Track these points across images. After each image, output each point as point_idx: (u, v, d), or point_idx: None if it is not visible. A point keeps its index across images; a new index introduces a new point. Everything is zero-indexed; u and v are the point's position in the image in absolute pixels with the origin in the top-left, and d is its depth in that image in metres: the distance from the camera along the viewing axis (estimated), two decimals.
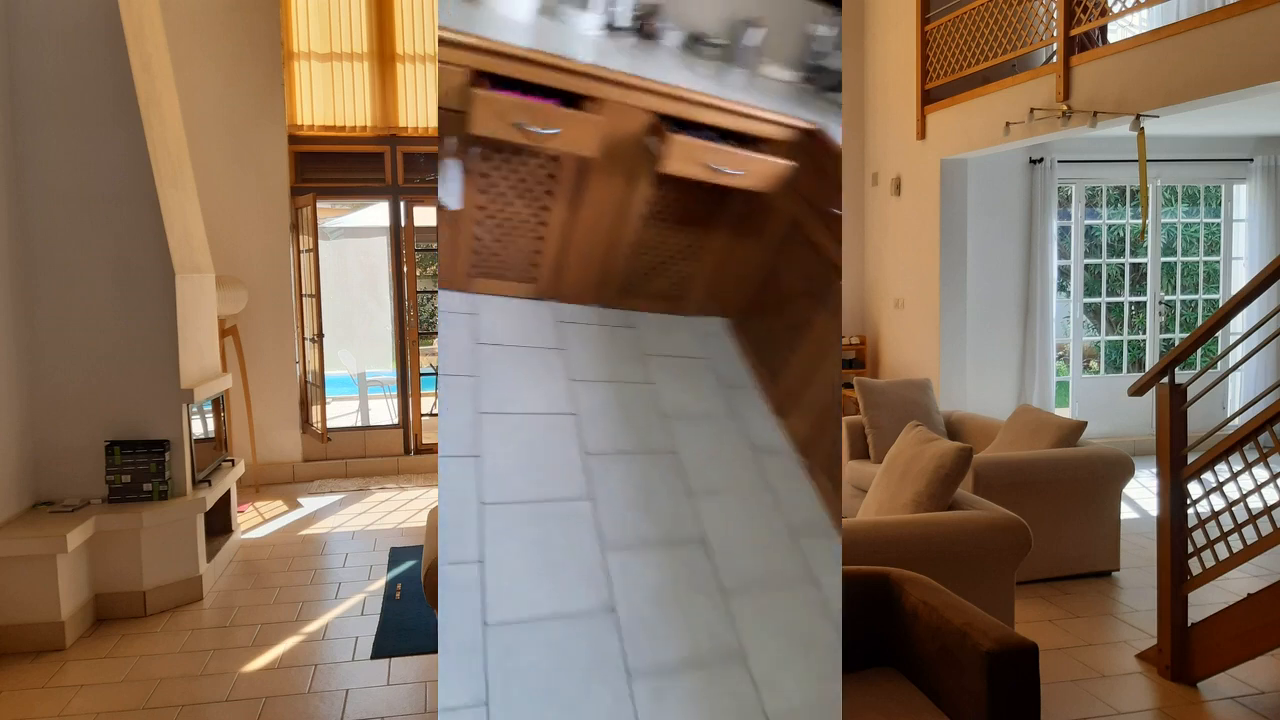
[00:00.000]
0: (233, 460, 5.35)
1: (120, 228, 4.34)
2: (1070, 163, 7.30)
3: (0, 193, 4.11)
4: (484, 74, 2.97)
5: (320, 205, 7.02)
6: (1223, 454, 3.28)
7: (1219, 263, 7.87)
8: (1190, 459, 3.44)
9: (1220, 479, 3.39)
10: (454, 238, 3.50)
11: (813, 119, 3.50)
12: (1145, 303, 7.74)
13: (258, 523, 5.84)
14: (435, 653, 3.74)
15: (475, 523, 2.59)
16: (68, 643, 3.88)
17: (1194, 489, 6.10)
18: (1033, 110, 5.46)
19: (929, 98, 6.72)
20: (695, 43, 3.53)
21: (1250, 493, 3.27)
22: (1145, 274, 7.73)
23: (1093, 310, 7.81)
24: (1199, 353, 7.37)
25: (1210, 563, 3.41)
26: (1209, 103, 4.51)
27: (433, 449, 7.41)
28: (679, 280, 4.02)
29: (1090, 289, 7.70)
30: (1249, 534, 4.46)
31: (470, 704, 2.17)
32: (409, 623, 4.08)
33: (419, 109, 7.11)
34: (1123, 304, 7.76)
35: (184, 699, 3.39)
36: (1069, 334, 7.58)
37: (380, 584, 4.64)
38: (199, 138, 6.52)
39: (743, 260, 3.95)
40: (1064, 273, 7.51)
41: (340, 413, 9.52)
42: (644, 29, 3.37)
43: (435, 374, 7.45)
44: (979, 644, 2.22)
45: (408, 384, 7.40)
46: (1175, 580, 3.40)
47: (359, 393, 9.53)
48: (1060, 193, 7.36)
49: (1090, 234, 7.69)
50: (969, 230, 6.77)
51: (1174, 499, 3.39)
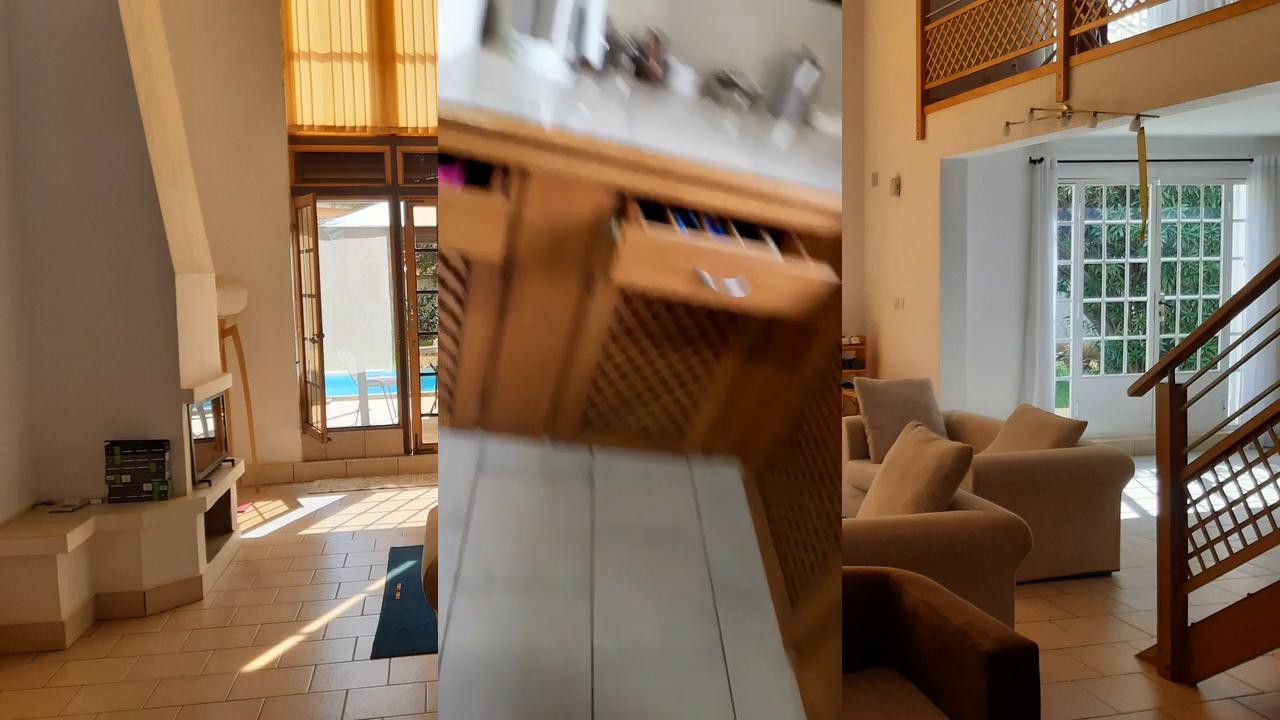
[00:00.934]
0: (233, 460, 5.35)
1: (120, 228, 4.34)
2: (1070, 163, 7.30)
3: (0, 193, 4.11)
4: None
5: (320, 205, 7.02)
6: (1223, 454, 3.28)
7: (1219, 263, 7.87)
8: (1190, 459, 3.44)
9: (1220, 479, 3.39)
10: None
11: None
12: (1145, 303, 7.74)
13: (258, 523, 5.84)
14: (435, 653, 3.74)
15: None
16: (68, 643, 3.88)
17: (1194, 489, 6.10)
18: (1033, 110, 5.46)
19: (929, 98, 6.72)
20: (720, 86, 2.59)
21: (1250, 493, 3.27)
22: (1145, 274, 7.73)
23: (1093, 310, 7.81)
24: (1199, 353, 7.37)
25: (1210, 563, 3.40)
26: (1209, 103, 4.51)
27: (433, 449, 7.41)
28: (668, 412, 3.04)
29: (1090, 289, 7.70)
30: (1249, 534, 4.46)
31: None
32: (409, 623, 4.08)
33: (419, 109, 7.11)
34: (1123, 304, 7.76)
35: (184, 699, 3.39)
36: (1069, 334, 7.58)
37: (380, 584, 4.64)
38: (199, 138, 6.52)
39: (764, 393, 2.93)
40: (1064, 273, 7.51)
41: (340, 413, 9.52)
42: (643, 69, 2.51)
43: (435, 374, 7.44)
44: (979, 644, 2.22)
45: (408, 384, 7.39)
46: (1175, 580, 3.40)
47: (359, 393, 9.53)
48: (1060, 193, 7.36)
49: (1090, 234, 7.69)
50: (969, 230, 6.77)
51: (1174, 499, 3.39)
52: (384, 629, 4.03)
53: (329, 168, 7.13)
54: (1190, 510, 3.42)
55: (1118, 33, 5.75)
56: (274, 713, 3.28)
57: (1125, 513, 5.47)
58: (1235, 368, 3.50)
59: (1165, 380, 3.42)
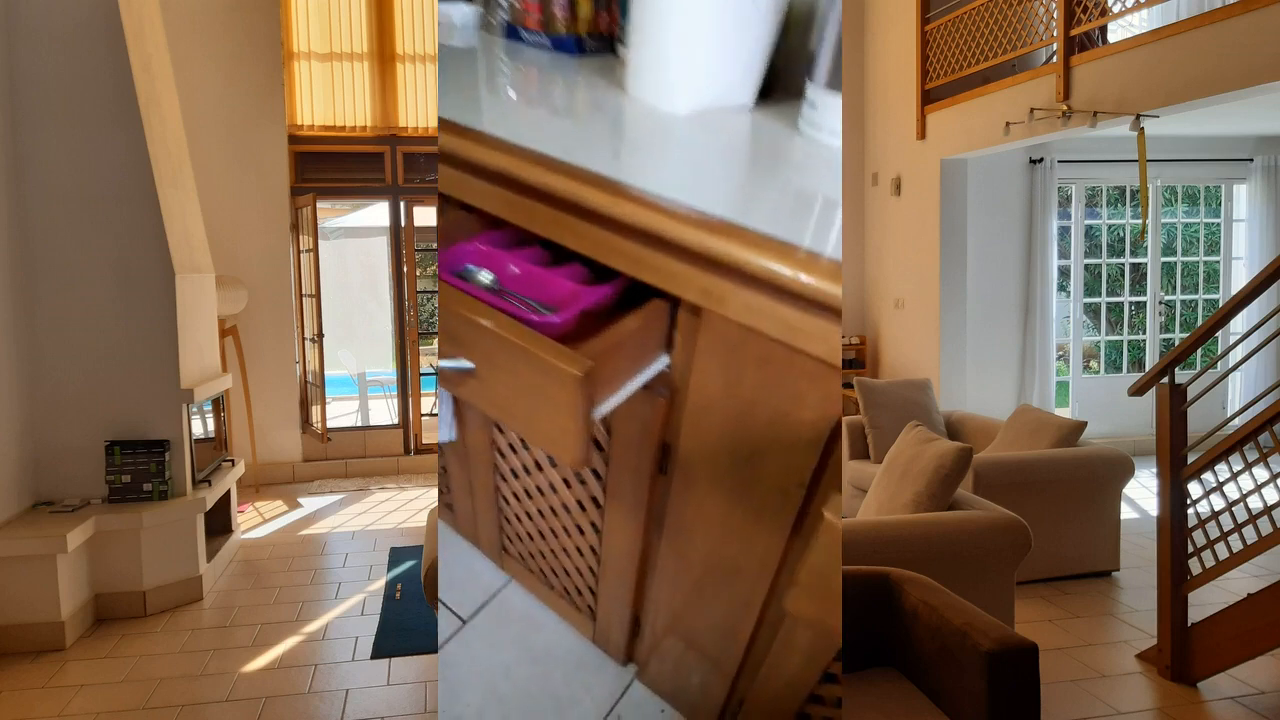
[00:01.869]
0: (233, 460, 5.35)
1: (120, 228, 4.34)
2: (1070, 163, 7.30)
3: (0, 193, 4.11)
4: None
5: (320, 205, 7.02)
6: (1223, 454, 3.28)
7: (1219, 263, 7.87)
8: (1190, 459, 3.44)
9: (1220, 479, 3.39)
10: None
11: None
12: (1145, 303, 7.74)
13: (258, 523, 5.84)
14: (435, 653, 3.74)
15: None
16: (68, 643, 3.88)
17: (1194, 489, 6.11)
18: (1033, 110, 5.46)
19: (929, 98, 6.72)
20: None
21: (1250, 493, 3.27)
22: (1145, 274, 7.73)
23: (1093, 310, 7.81)
24: (1199, 353, 7.38)
25: (1210, 563, 3.41)
26: (1209, 103, 4.51)
27: (433, 449, 7.41)
28: None
29: (1090, 289, 7.70)
30: (1249, 534, 4.47)
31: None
32: (409, 623, 4.08)
33: (419, 109, 7.11)
34: (1123, 304, 7.76)
35: (184, 699, 3.39)
36: (1069, 334, 7.58)
37: (380, 584, 4.64)
38: (199, 138, 6.52)
39: None
40: (1064, 273, 7.51)
41: (340, 413, 9.52)
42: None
43: (435, 374, 7.44)
44: (979, 644, 2.22)
45: (408, 384, 7.39)
46: (1175, 580, 3.40)
47: (359, 393, 9.53)
48: (1060, 193, 7.36)
49: (1090, 234, 7.69)
50: (969, 230, 6.77)
51: (1174, 499, 3.39)
52: (384, 629, 4.03)
53: (329, 168, 7.13)
54: (1190, 510, 3.42)
55: (1118, 33, 5.75)
56: (274, 713, 3.28)
57: (1125, 513, 5.47)
58: (1235, 368, 3.50)
59: (1165, 380, 3.42)
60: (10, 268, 4.14)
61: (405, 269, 7.30)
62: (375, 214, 10.46)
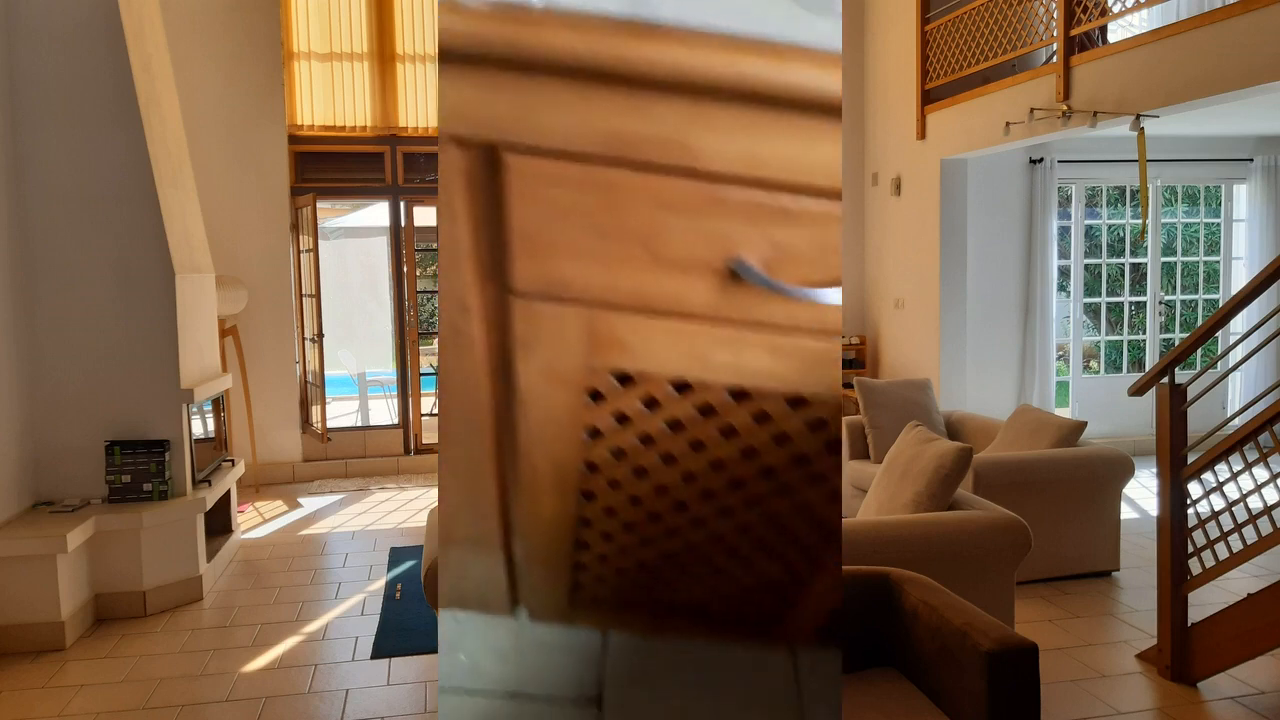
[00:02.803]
0: (233, 460, 5.35)
1: (120, 228, 4.34)
2: (1070, 163, 7.30)
3: (0, 193, 4.11)
4: None
5: (320, 205, 7.02)
6: (1223, 454, 3.28)
7: (1219, 263, 7.87)
8: (1190, 459, 3.44)
9: (1220, 479, 3.39)
10: None
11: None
12: (1145, 303, 7.74)
13: (258, 523, 5.84)
14: (435, 653, 3.74)
15: None
16: (68, 643, 3.88)
17: (1194, 489, 6.10)
18: (1033, 110, 5.46)
19: (929, 98, 6.72)
20: None
21: (1250, 493, 3.27)
22: (1145, 274, 7.73)
23: (1093, 310, 7.81)
24: (1199, 353, 7.37)
25: (1210, 563, 3.40)
26: (1209, 103, 4.51)
27: (433, 449, 7.41)
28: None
29: (1090, 289, 7.70)
30: (1249, 534, 4.46)
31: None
32: (409, 623, 4.08)
33: (419, 109, 7.11)
34: (1123, 304, 7.76)
35: (184, 699, 3.39)
36: (1069, 334, 7.58)
37: (380, 584, 4.64)
38: (199, 138, 6.52)
39: None
40: (1064, 273, 7.51)
41: (340, 413, 9.52)
42: None
43: (435, 374, 7.44)
44: (979, 644, 2.22)
45: (408, 384, 7.39)
46: (1175, 580, 3.40)
47: (359, 393, 9.53)
48: (1060, 193, 7.36)
49: (1090, 234, 7.69)
50: (969, 230, 6.77)
51: (1174, 499, 3.39)
52: (384, 629, 4.03)
53: (329, 168, 7.13)
54: (1190, 510, 3.42)
55: (1118, 33, 5.75)
56: (274, 713, 3.28)
57: (1125, 513, 5.47)
58: (1235, 368, 3.50)
59: (1165, 380, 3.42)
60: (10, 268, 4.14)
61: (405, 269, 7.30)
62: (375, 214, 10.47)
